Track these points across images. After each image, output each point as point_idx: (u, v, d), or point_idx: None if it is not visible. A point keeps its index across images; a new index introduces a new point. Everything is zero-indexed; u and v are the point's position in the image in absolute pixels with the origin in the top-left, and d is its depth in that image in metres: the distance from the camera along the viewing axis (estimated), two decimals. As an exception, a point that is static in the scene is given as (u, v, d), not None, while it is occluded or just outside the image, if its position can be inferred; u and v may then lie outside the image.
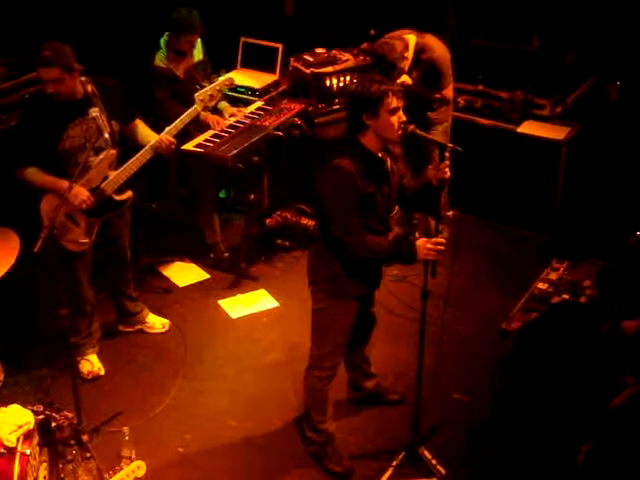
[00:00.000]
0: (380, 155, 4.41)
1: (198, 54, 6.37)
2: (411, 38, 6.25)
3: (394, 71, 6.18)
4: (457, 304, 5.97)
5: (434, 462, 4.85)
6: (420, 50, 6.27)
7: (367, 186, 4.31)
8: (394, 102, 4.26)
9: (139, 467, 4.25)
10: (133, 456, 4.79)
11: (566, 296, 5.97)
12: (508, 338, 5.76)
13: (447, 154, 4.42)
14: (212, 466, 4.86)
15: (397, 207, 4.76)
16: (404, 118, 4.33)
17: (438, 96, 6.34)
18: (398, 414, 5.21)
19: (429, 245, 4.36)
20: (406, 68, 6.25)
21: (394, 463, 4.86)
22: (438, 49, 6.31)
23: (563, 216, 6.81)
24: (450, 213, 6.83)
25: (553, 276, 6.15)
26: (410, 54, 6.24)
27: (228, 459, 4.92)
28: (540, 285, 6.07)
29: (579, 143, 6.78)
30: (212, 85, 5.52)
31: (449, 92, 6.44)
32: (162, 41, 6.22)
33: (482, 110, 6.95)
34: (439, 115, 6.43)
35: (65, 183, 4.93)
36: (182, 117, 5.34)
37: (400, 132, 4.33)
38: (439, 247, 4.36)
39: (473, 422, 5.16)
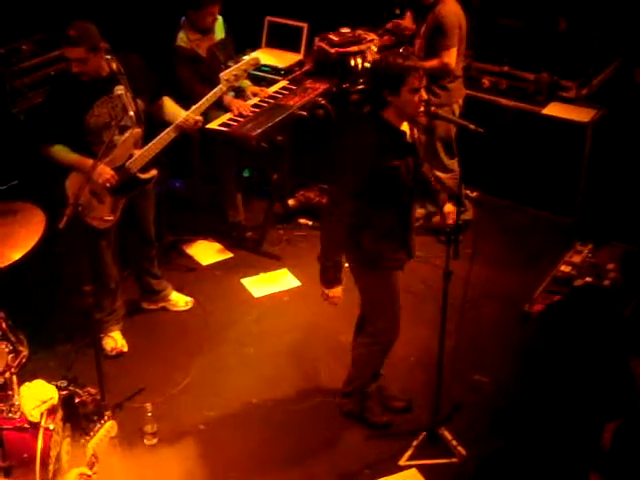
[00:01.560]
0: (403, 128, 4.41)
1: (220, 33, 6.36)
2: None
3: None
4: (479, 286, 5.96)
5: (454, 443, 4.88)
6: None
7: (390, 159, 4.32)
8: (416, 81, 4.25)
9: (112, 427, 4.36)
10: (155, 431, 4.85)
11: (589, 279, 5.96)
12: (530, 320, 5.77)
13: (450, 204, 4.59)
14: (233, 443, 4.90)
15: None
16: (425, 97, 4.34)
17: (428, 64, 6.02)
18: (419, 394, 5.22)
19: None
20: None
21: (415, 443, 4.89)
22: (450, 5, 6.13)
23: (587, 199, 6.77)
24: (474, 194, 6.80)
25: (576, 259, 6.15)
26: None
27: (248, 437, 4.96)
28: (563, 268, 6.08)
29: (604, 126, 6.72)
30: (238, 65, 5.51)
31: (449, 57, 6.15)
32: (182, 22, 6.22)
33: (507, 91, 6.90)
34: (442, 99, 6.31)
35: (89, 161, 4.95)
36: (208, 96, 5.34)
37: (421, 109, 4.34)
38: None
39: (494, 404, 5.18)
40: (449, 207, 4.64)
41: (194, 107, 5.32)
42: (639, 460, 4.10)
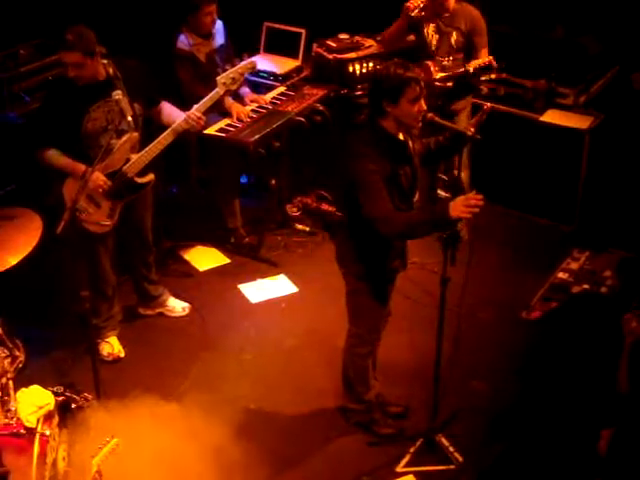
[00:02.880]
0: (402, 138, 4.41)
1: (220, 38, 6.36)
2: None
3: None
4: (477, 292, 5.94)
5: (452, 449, 4.87)
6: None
7: (390, 168, 4.32)
8: (415, 91, 4.26)
9: (117, 444, 4.22)
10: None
11: (586, 286, 5.97)
12: (528, 327, 5.77)
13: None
14: (231, 449, 4.87)
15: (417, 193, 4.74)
16: (424, 107, 4.33)
17: (475, 63, 6.04)
18: (417, 400, 5.21)
19: (463, 201, 4.17)
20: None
21: (412, 450, 4.89)
22: (474, 9, 6.21)
23: (585, 206, 6.77)
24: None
25: (574, 265, 6.16)
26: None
27: (247, 443, 4.92)
28: (561, 274, 6.09)
29: (602, 133, 6.73)
30: (235, 68, 5.51)
31: (487, 55, 6.14)
32: (183, 27, 6.22)
33: (505, 98, 6.90)
34: (466, 101, 6.36)
35: (82, 167, 4.97)
36: (204, 100, 5.33)
37: (419, 119, 4.34)
38: (474, 202, 4.16)
39: (491, 411, 5.18)
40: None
41: (194, 107, 5.31)
42: (635, 466, 4.09)
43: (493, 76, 5.94)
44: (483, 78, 6.05)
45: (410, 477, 4.77)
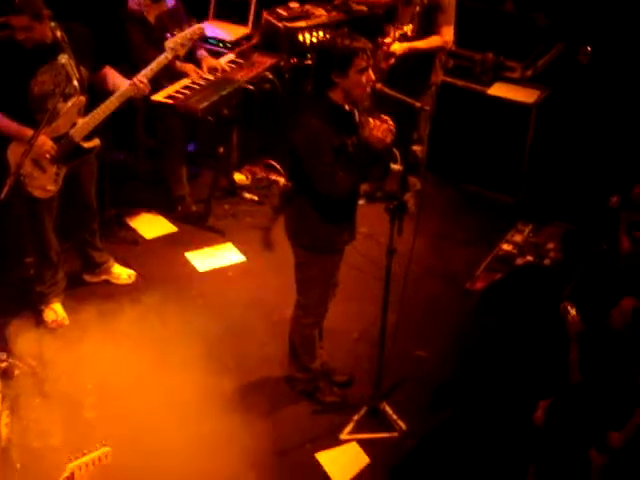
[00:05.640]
0: (348, 108, 4.42)
1: (170, 0, 6.29)
2: None
3: (381, 33, 6.12)
4: (423, 263, 6.01)
5: (395, 417, 4.93)
6: None
7: (338, 139, 4.33)
8: (364, 62, 4.27)
9: (107, 455, 3.57)
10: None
11: (530, 258, 6.05)
12: (471, 298, 5.85)
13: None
14: (172, 419, 4.82)
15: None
16: (373, 77, 4.35)
17: (429, 43, 6.08)
18: (361, 370, 5.27)
19: (376, 126, 4.31)
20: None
21: (356, 417, 4.94)
22: None
23: (530, 179, 6.85)
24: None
25: (518, 238, 6.24)
26: None
27: (189, 408, 4.91)
28: (505, 246, 6.17)
29: (548, 107, 6.80)
30: (183, 33, 5.43)
31: (449, 34, 6.15)
32: None
33: (454, 71, 6.93)
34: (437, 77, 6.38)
35: (29, 131, 4.90)
36: (152, 65, 5.25)
37: (368, 90, 4.35)
38: (385, 124, 4.31)
39: (434, 379, 5.25)
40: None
41: (141, 73, 5.24)
42: (571, 436, 4.19)
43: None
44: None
45: (353, 444, 4.83)
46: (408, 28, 6.07)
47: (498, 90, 6.83)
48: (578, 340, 4.37)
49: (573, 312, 4.41)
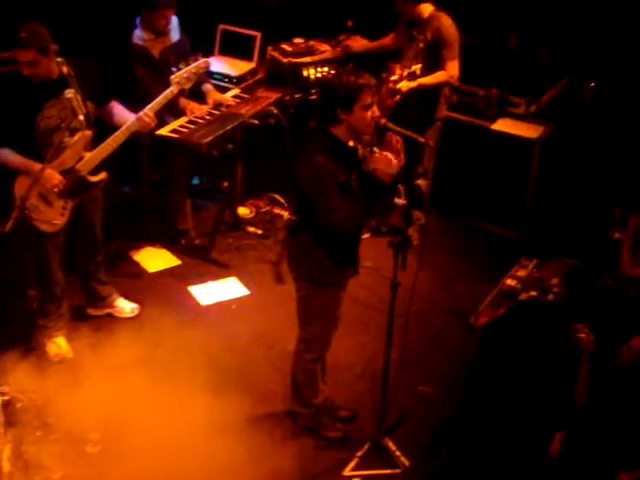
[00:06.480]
0: (352, 144, 4.44)
1: (175, 35, 6.33)
2: None
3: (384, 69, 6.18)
4: (426, 297, 6.01)
5: (398, 454, 4.90)
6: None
7: (343, 175, 4.35)
8: (369, 98, 4.30)
9: None
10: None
11: (534, 293, 6.04)
12: (475, 333, 5.83)
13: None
14: (178, 449, 4.82)
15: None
16: (377, 113, 4.38)
17: (435, 79, 6.19)
18: (364, 405, 5.24)
19: (380, 158, 4.36)
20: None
21: (359, 453, 4.91)
22: (447, 19, 6.21)
23: (534, 214, 6.86)
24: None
25: (522, 273, 6.22)
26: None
27: (194, 443, 4.89)
28: (509, 281, 6.14)
29: (552, 142, 6.83)
30: (188, 67, 5.47)
31: (455, 69, 6.25)
32: (139, 19, 6.20)
33: (458, 106, 6.96)
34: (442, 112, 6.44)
35: (37, 165, 4.92)
36: (158, 99, 5.28)
37: (372, 126, 4.37)
38: (387, 155, 4.35)
39: (438, 415, 5.22)
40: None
41: (147, 107, 5.27)
42: (587, 467, 4.17)
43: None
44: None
45: (356, 481, 4.81)
46: (417, 67, 6.13)
47: (502, 125, 6.86)
48: (590, 360, 4.35)
49: (586, 330, 4.40)
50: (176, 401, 5.16)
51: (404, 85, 6.05)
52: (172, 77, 5.41)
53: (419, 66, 6.14)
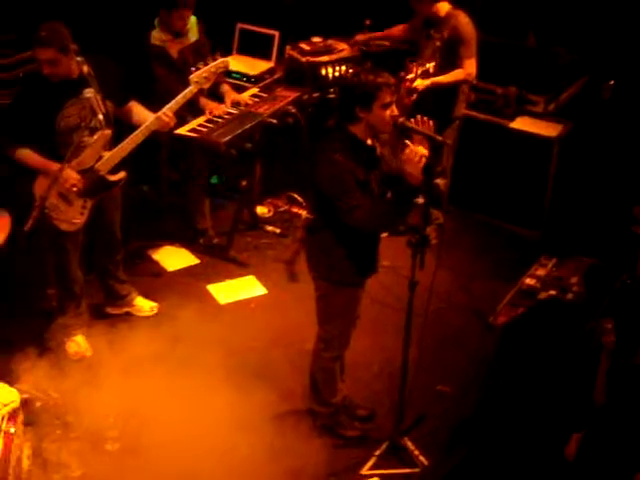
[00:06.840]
0: (370, 143, 4.44)
1: (193, 35, 6.34)
2: None
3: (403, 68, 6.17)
4: (445, 296, 6.01)
5: (417, 453, 4.89)
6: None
7: (361, 173, 4.35)
8: (388, 97, 4.30)
9: None
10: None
11: (553, 292, 6.02)
12: (494, 332, 5.82)
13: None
14: (196, 449, 4.86)
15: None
16: (396, 112, 4.37)
17: (452, 77, 6.20)
18: (382, 404, 5.24)
19: (408, 155, 4.27)
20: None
21: (377, 452, 4.90)
22: (464, 17, 6.22)
23: (553, 213, 6.84)
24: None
25: (541, 272, 6.21)
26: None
27: (214, 442, 4.90)
28: (528, 280, 6.13)
29: (571, 141, 6.80)
30: (207, 67, 5.47)
31: (472, 67, 6.25)
32: (157, 20, 6.21)
33: (476, 104, 6.95)
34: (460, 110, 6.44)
35: (55, 165, 4.95)
36: (177, 98, 5.30)
37: (391, 125, 4.37)
38: (418, 152, 4.26)
39: (456, 414, 5.21)
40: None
41: (166, 107, 5.29)
42: (603, 468, 4.15)
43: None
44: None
45: (375, 480, 4.81)
46: (430, 65, 6.13)
47: (521, 124, 6.84)
48: (610, 359, 4.33)
49: (609, 326, 4.38)
50: (196, 398, 5.18)
51: (419, 83, 6.04)
52: (191, 76, 5.42)
53: (433, 64, 6.13)
